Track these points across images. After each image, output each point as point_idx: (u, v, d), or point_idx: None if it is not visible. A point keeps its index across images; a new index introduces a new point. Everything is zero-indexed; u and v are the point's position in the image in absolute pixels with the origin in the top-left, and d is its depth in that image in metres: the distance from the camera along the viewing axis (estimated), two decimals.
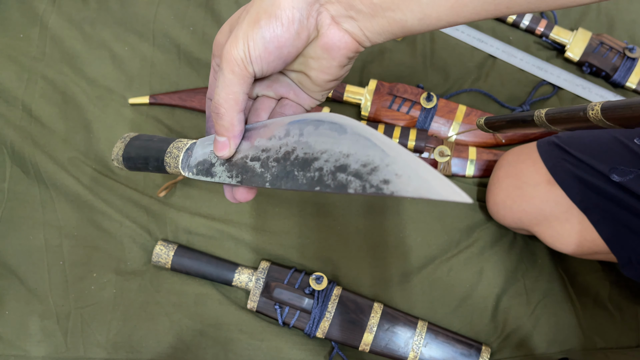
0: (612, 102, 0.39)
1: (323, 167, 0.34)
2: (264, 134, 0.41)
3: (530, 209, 0.68)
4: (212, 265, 0.72)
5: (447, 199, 0.27)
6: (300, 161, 0.36)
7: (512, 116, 0.53)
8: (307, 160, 0.36)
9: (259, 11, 0.37)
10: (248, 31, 0.37)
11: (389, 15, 0.38)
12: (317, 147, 0.35)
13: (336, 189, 0.33)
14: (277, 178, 0.37)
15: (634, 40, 0.92)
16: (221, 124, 0.40)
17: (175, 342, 0.72)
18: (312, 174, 0.35)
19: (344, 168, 0.33)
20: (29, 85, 0.83)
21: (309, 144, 0.36)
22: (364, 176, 0.32)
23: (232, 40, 0.37)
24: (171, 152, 0.47)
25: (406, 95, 0.81)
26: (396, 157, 0.31)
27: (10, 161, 0.79)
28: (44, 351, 0.71)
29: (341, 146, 0.34)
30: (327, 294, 0.70)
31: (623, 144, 0.60)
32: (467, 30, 0.90)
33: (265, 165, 0.39)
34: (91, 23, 0.88)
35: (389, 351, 0.69)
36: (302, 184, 0.35)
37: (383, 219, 0.78)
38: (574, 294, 0.75)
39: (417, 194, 0.29)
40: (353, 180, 0.32)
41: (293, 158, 0.37)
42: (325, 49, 0.40)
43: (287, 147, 0.38)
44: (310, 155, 0.36)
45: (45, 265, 0.74)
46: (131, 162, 0.50)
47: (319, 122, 0.37)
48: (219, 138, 0.41)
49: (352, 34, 0.40)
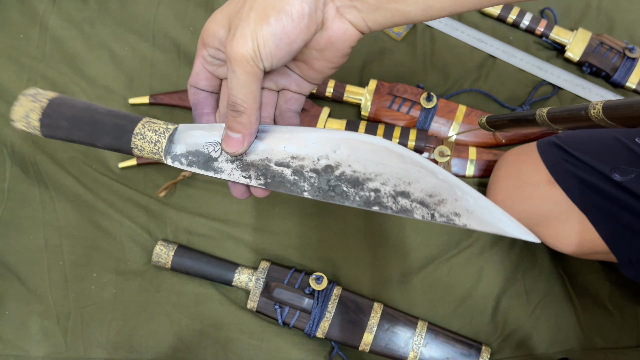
0: (613, 101, 0.39)
1: (380, 190, 0.37)
2: (292, 140, 0.41)
3: (530, 208, 0.68)
4: (212, 265, 0.72)
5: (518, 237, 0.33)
6: (349, 178, 0.38)
7: (514, 115, 0.53)
8: (359, 180, 0.38)
9: (266, 7, 0.36)
10: (257, 29, 0.36)
11: (392, 7, 0.38)
12: (370, 169, 0.38)
13: (399, 212, 0.36)
14: (319, 190, 0.39)
15: (634, 40, 0.92)
16: (239, 121, 0.39)
17: (175, 342, 0.72)
18: (366, 193, 0.37)
19: (406, 194, 0.36)
20: (29, 85, 0.83)
21: (359, 163, 0.38)
22: (431, 205, 0.35)
23: (240, 39, 0.36)
24: (143, 134, 0.42)
25: (406, 95, 0.81)
26: (464, 196, 0.35)
27: (10, 161, 0.79)
28: (44, 351, 0.71)
29: (399, 173, 0.37)
30: (327, 294, 0.70)
31: (623, 144, 0.60)
32: (467, 30, 0.90)
33: (300, 174, 0.40)
34: (91, 23, 0.88)
35: (389, 351, 0.69)
36: (355, 200, 0.38)
37: (383, 219, 0.78)
38: (574, 294, 0.75)
39: (490, 230, 0.34)
40: (419, 207, 0.35)
41: (339, 174, 0.39)
42: (330, 41, 0.40)
43: (327, 160, 0.39)
44: (362, 175, 0.38)
45: (45, 265, 0.74)
46: (59, 131, 0.42)
47: (372, 145, 0.38)
48: (233, 134, 0.40)
49: (355, 24, 0.40)
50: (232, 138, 0.40)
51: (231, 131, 0.40)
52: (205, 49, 0.43)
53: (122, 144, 0.42)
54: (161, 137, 0.42)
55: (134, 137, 0.42)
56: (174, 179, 0.78)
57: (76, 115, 0.42)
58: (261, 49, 0.37)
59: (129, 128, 0.42)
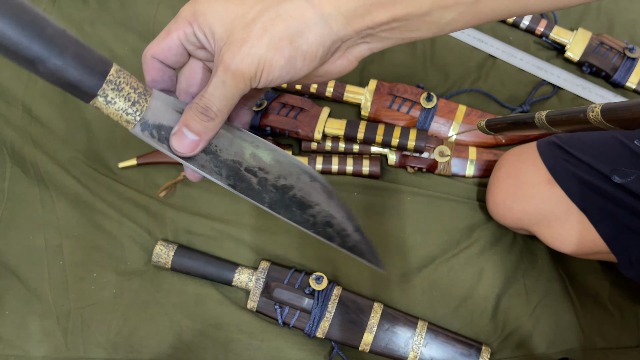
0: (612, 104, 0.39)
1: (316, 216, 0.43)
2: (260, 150, 0.43)
3: (530, 208, 0.68)
4: (212, 265, 0.72)
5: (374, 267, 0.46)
6: (298, 202, 0.43)
7: (513, 118, 0.53)
8: (304, 204, 0.43)
9: (282, 37, 0.35)
10: (267, 55, 0.35)
11: (405, 36, 0.38)
12: (313, 198, 0.44)
13: (325, 238, 0.43)
14: (277, 205, 0.42)
15: (634, 40, 0.92)
16: (205, 125, 0.38)
17: (175, 342, 0.72)
18: (308, 217, 0.43)
19: (330, 224, 0.44)
20: (29, 85, 0.83)
21: (306, 191, 0.44)
22: (342, 237, 0.44)
23: (247, 57, 0.35)
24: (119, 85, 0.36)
25: (406, 95, 0.81)
26: (354, 231, 0.46)
27: (10, 161, 0.79)
28: (44, 351, 0.71)
29: (329, 207, 0.44)
30: (327, 294, 0.70)
31: (623, 145, 0.60)
32: (467, 30, 0.90)
33: (264, 186, 0.42)
34: (91, 23, 0.88)
35: (389, 351, 0.70)
36: (300, 221, 0.43)
37: (383, 219, 0.78)
38: (574, 294, 0.75)
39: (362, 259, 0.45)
40: (336, 236, 0.44)
41: (292, 195, 0.43)
42: (327, 72, 0.40)
43: (285, 180, 0.43)
44: (307, 201, 0.44)
45: (45, 265, 0.74)
46: None
47: (312, 177, 0.45)
48: (191, 135, 0.38)
49: (358, 57, 0.39)
50: (187, 138, 0.38)
51: (190, 131, 0.38)
52: (191, 27, 0.38)
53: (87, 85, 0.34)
54: (142, 98, 0.37)
55: (106, 84, 0.35)
56: (174, 179, 0.78)
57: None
58: (264, 74, 0.36)
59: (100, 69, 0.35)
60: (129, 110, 0.37)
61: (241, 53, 0.35)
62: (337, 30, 0.36)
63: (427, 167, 0.79)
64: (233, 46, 0.36)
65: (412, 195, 0.79)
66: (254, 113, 0.78)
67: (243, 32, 0.36)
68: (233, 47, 0.36)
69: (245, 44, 0.35)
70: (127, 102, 0.36)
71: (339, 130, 0.79)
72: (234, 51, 0.36)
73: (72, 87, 0.33)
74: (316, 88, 0.83)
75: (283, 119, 0.79)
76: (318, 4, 0.35)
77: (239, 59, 0.35)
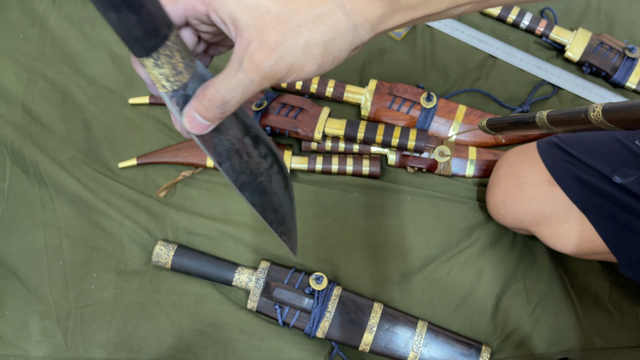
0: (613, 104, 0.39)
1: (270, 202, 0.48)
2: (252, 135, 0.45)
3: (530, 209, 0.68)
4: (212, 265, 0.72)
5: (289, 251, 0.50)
6: (262, 188, 0.46)
7: (514, 118, 0.53)
8: (265, 190, 0.47)
9: (317, 42, 0.36)
10: (301, 60, 0.36)
11: (421, 20, 0.39)
12: (274, 187, 0.47)
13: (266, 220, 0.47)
14: (245, 187, 0.44)
15: (634, 40, 0.92)
16: (217, 115, 0.38)
17: (175, 342, 0.72)
18: (264, 201, 0.47)
19: (276, 211, 0.48)
20: (29, 85, 0.83)
21: (270, 179, 0.47)
22: (280, 223, 0.48)
23: (281, 60, 0.35)
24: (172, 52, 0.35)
25: (406, 95, 0.81)
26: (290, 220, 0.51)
27: (10, 161, 0.79)
28: (44, 351, 0.71)
29: (282, 197, 0.49)
30: (327, 294, 0.70)
31: (623, 145, 0.60)
32: (467, 30, 0.90)
33: (243, 169, 0.44)
34: (91, 23, 0.88)
35: (389, 351, 0.70)
36: (255, 204, 0.45)
37: (383, 219, 0.78)
38: (574, 294, 0.75)
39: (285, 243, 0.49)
40: (275, 222, 0.48)
41: (260, 180, 0.46)
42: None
43: (260, 166, 0.46)
44: (269, 188, 0.47)
45: (45, 265, 0.74)
46: None
47: (280, 168, 0.49)
48: (202, 120, 0.38)
49: (367, 41, 0.40)
50: (199, 122, 0.38)
51: (202, 116, 0.38)
52: (204, 7, 0.37)
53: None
54: (185, 70, 0.37)
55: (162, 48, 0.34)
56: (174, 179, 0.78)
57: None
58: (291, 77, 0.37)
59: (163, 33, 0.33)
60: (171, 79, 0.36)
61: (276, 55, 0.35)
62: (363, 35, 0.38)
63: (427, 167, 0.79)
64: (266, 46, 0.35)
65: (412, 195, 0.79)
66: (254, 113, 0.78)
67: (276, 32, 0.35)
68: (267, 48, 0.35)
69: (281, 46, 0.35)
70: (172, 70, 0.36)
71: (339, 130, 0.79)
72: (268, 52, 0.35)
73: (132, 42, 0.33)
74: (316, 88, 0.83)
75: (283, 119, 0.79)
76: (350, 13, 0.36)
77: (273, 61, 0.35)
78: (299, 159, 0.80)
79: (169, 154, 0.79)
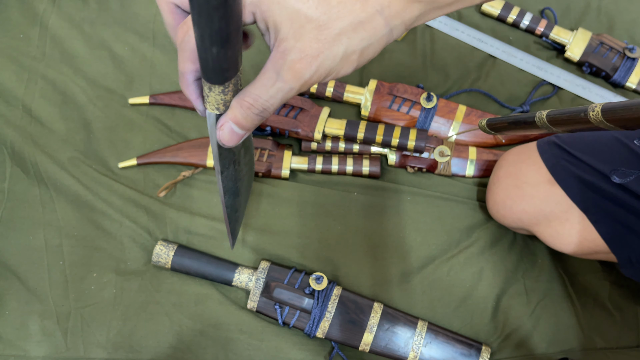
0: (612, 104, 0.39)
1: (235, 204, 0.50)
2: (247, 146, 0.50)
3: (530, 208, 0.68)
4: (212, 265, 0.72)
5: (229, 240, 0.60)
6: (235, 191, 0.49)
7: (514, 118, 0.53)
8: (237, 193, 0.50)
9: (355, 49, 0.36)
10: (339, 66, 0.36)
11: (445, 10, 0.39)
12: (242, 189, 0.51)
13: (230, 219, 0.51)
14: (227, 192, 0.46)
15: (634, 40, 0.92)
16: (254, 123, 0.38)
17: (175, 342, 0.72)
18: (232, 202, 0.49)
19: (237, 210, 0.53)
20: (29, 85, 0.83)
21: (242, 183, 0.50)
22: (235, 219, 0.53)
23: (321, 68, 0.36)
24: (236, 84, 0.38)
25: (406, 95, 0.81)
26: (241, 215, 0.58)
27: (10, 161, 0.79)
28: (44, 351, 0.71)
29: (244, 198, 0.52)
30: (327, 294, 0.70)
31: (623, 144, 0.60)
32: (467, 30, 0.90)
33: (232, 177, 0.48)
34: (91, 23, 0.88)
35: (389, 351, 0.70)
36: (229, 207, 0.48)
37: (383, 219, 0.78)
38: (574, 294, 0.75)
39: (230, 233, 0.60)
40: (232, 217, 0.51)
41: (238, 185, 0.50)
42: None
43: (242, 174, 0.49)
44: (239, 191, 0.50)
45: (45, 265, 0.74)
46: None
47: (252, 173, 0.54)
48: (239, 130, 0.38)
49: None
50: (235, 133, 0.39)
51: (241, 128, 0.38)
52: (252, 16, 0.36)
53: None
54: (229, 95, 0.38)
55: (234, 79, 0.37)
56: (174, 179, 0.78)
57: None
58: (326, 79, 0.37)
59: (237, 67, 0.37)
60: (227, 104, 0.38)
61: (317, 64, 0.35)
62: (396, 35, 0.38)
63: (427, 167, 0.79)
64: (307, 55, 0.35)
65: (412, 195, 0.79)
66: None
67: (317, 41, 0.35)
68: (308, 57, 0.35)
69: (321, 55, 0.35)
70: (231, 97, 0.38)
71: (339, 130, 0.79)
72: (309, 62, 0.35)
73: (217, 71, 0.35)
74: (316, 88, 0.83)
75: (283, 119, 0.79)
76: (388, 17, 0.36)
77: (313, 70, 0.35)
78: (299, 159, 0.80)
79: (169, 154, 0.79)
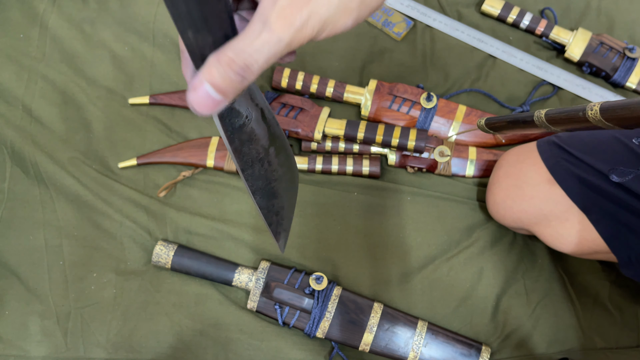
0: (610, 103, 0.39)
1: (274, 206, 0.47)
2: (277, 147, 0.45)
3: (530, 208, 0.68)
4: (212, 265, 0.72)
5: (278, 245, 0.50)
6: (272, 192, 0.46)
7: (513, 117, 0.53)
8: (274, 194, 0.46)
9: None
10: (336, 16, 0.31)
11: None
12: (280, 191, 0.47)
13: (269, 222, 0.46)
14: (258, 192, 0.44)
15: (634, 40, 0.92)
16: (235, 86, 0.31)
17: (175, 342, 0.72)
18: (269, 205, 0.46)
19: (278, 214, 0.48)
20: (29, 85, 0.83)
21: (279, 183, 0.46)
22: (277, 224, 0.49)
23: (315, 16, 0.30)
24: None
25: (406, 95, 0.81)
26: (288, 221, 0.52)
27: (10, 161, 0.79)
28: (44, 351, 0.71)
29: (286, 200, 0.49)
30: (327, 294, 0.70)
31: (623, 144, 0.60)
32: (467, 30, 0.90)
33: (262, 176, 0.44)
34: (91, 23, 0.88)
35: (389, 351, 0.70)
36: (261, 206, 0.44)
37: (383, 219, 0.78)
38: (574, 294, 0.75)
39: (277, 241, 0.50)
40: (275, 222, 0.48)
41: (273, 186, 0.46)
42: None
43: (275, 173, 0.46)
44: (276, 192, 0.47)
45: (45, 265, 0.75)
46: None
47: (293, 172, 0.48)
48: (214, 93, 0.31)
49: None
50: (210, 97, 0.31)
51: (215, 90, 0.31)
52: None
53: None
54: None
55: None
56: (174, 179, 0.78)
57: None
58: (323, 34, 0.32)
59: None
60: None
61: (309, 9, 0.30)
62: None
63: (427, 167, 0.79)
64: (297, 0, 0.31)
65: (412, 195, 0.79)
66: None
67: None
68: (298, 2, 0.30)
69: (313, 1, 0.31)
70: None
71: (339, 130, 0.79)
72: (299, 6, 0.30)
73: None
74: (316, 88, 0.83)
75: (283, 119, 0.79)
76: None
77: (305, 15, 0.30)
78: (299, 159, 0.80)
79: (169, 154, 0.79)
